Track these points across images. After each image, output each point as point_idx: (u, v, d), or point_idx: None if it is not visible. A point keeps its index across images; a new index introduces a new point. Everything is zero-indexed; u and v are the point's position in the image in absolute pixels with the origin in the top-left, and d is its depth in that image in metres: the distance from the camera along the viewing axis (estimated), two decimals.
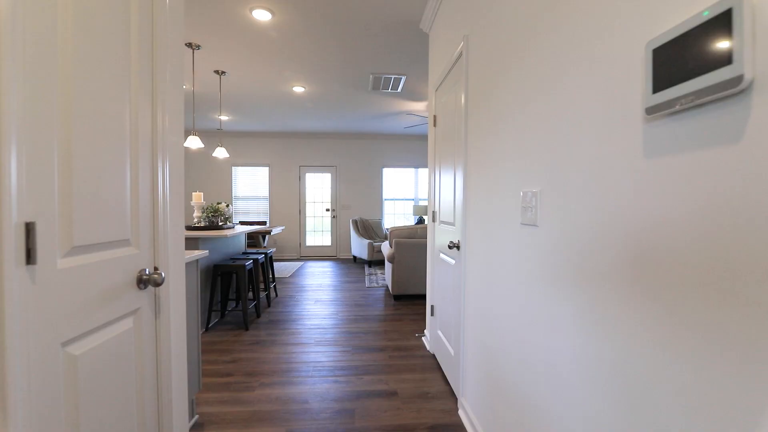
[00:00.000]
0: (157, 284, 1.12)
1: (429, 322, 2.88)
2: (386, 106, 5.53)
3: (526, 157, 1.26)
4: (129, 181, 1.07)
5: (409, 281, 4.23)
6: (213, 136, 7.64)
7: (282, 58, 3.78)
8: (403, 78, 4.31)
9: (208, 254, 2.05)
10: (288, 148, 7.78)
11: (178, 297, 1.33)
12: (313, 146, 7.82)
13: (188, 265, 1.89)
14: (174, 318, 1.30)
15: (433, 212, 2.74)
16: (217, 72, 4.12)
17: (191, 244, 3.20)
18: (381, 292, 4.68)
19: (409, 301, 4.22)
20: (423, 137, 7.89)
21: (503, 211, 1.46)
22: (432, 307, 2.75)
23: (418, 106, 5.54)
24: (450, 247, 2.07)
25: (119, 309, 1.03)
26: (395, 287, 4.23)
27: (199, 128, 7.25)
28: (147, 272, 1.14)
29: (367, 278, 5.57)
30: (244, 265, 3.34)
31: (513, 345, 1.36)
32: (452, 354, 2.19)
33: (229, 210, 5.99)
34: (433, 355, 2.73)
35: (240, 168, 7.78)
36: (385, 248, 4.68)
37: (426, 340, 2.95)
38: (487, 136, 1.64)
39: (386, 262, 4.66)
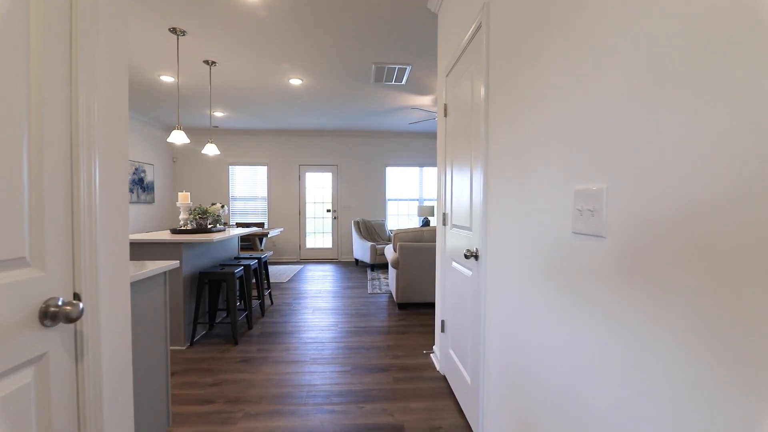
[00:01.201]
0: (71, 319, 0.80)
1: (439, 338, 2.54)
2: (390, 100, 5.20)
3: (583, 141, 0.92)
4: (26, 182, 0.75)
5: (414, 289, 3.90)
6: (208, 133, 7.34)
7: (276, 45, 3.46)
8: (408, 68, 3.98)
9: (178, 264, 1.73)
10: (287, 146, 7.48)
11: (115, 329, 1.01)
12: (314, 144, 7.51)
13: (152, 279, 1.57)
14: (109, 359, 0.98)
15: (444, 214, 2.41)
16: (206, 62, 3.81)
17: (173, 250, 2.89)
18: (384, 300, 4.35)
19: (414, 311, 3.89)
20: (429, 134, 7.55)
21: (542, 216, 1.13)
22: (442, 322, 2.42)
23: (425, 101, 5.21)
24: (467, 257, 1.74)
25: (7, 359, 0.71)
26: (400, 295, 3.91)
27: (193, 125, 6.95)
28: (60, 302, 0.82)
29: (369, 283, 5.24)
30: (233, 273, 3.03)
31: (557, 387, 1.03)
32: (468, 382, 1.86)
33: (223, 211, 5.69)
34: (444, 377, 2.40)
35: (237, 167, 7.48)
36: (389, 252, 4.36)
37: (435, 359, 2.62)
38: (519, 121, 1.31)
39: (390, 267, 4.34)
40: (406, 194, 7.70)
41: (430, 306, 4.06)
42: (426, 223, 6.35)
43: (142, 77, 4.26)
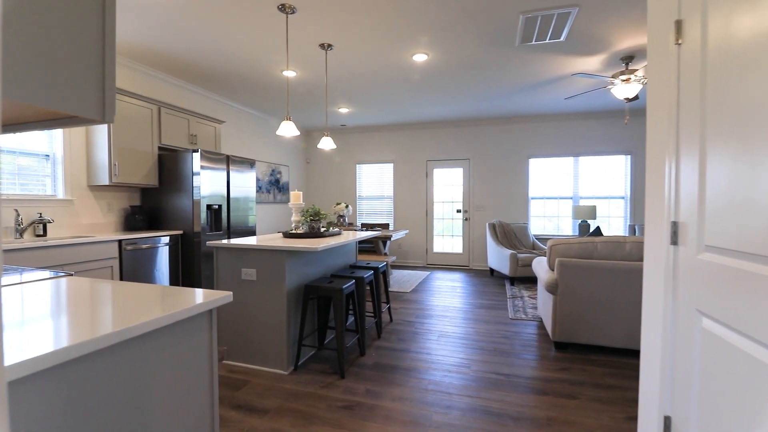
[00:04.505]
0: None
1: None
2: (539, 69, 4.04)
3: None
4: None
5: (581, 324, 2.74)
6: (335, 133, 7.31)
7: (394, 12, 2.79)
8: (573, 12, 2.83)
9: (230, 298, 1.16)
10: (414, 141, 6.90)
11: None
12: (442, 137, 6.74)
13: (185, 323, 1.02)
14: None
15: (674, 225, 1.31)
16: (322, 46, 3.41)
17: (276, 257, 2.49)
18: (532, 331, 3.28)
19: (582, 356, 2.74)
20: (588, 114, 5.95)
21: None
22: (667, 420, 1.33)
23: (591, 63, 3.88)
24: None
25: None
26: (558, 330, 2.81)
27: (323, 126, 6.97)
28: None
29: (510, 303, 4.19)
30: (341, 289, 2.48)
31: None
32: None
33: (348, 211, 5.38)
34: None
35: (364, 166, 7.26)
36: (540, 267, 3.27)
37: None
38: None
39: (540, 288, 3.25)
40: (555, 191, 6.25)
41: (607, 353, 2.83)
42: (596, 231, 4.86)
43: (265, 73, 4.18)
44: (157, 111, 3.78)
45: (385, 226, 6.08)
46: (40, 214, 3.02)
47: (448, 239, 6.83)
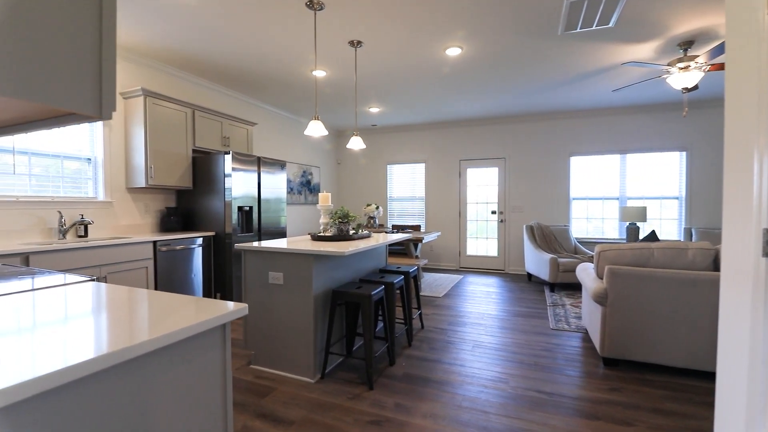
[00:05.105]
0: None
1: None
2: (584, 60, 3.74)
3: None
4: None
5: (634, 339, 2.47)
6: (366, 134, 7.23)
7: (427, 5, 2.65)
8: None
9: (246, 311, 1.07)
10: (446, 140, 6.69)
11: None
12: (476, 135, 6.49)
13: (194, 340, 0.94)
14: None
15: (766, 231, 1.09)
16: (351, 43, 3.32)
17: (303, 261, 2.41)
18: (576, 343, 3.02)
19: (635, 375, 2.46)
20: (637, 107, 5.50)
21: None
22: None
23: (643, 51, 3.54)
24: None
25: None
26: (607, 344, 2.54)
27: (354, 126, 6.92)
28: None
29: (550, 311, 3.91)
30: (370, 296, 2.36)
31: None
32: None
33: (378, 212, 5.27)
34: None
35: (395, 166, 7.13)
36: (585, 274, 3.00)
37: None
38: None
39: (586, 297, 2.98)
40: (599, 192, 5.84)
41: (665, 372, 2.53)
42: (651, 235, 4.47)
43: (295, 74, 4.15)
44: (192, 114, 3.84)
45: (417, 227, 5.92)
46: (82, 215, 3.13)
47: (482, 242, 6.56)
